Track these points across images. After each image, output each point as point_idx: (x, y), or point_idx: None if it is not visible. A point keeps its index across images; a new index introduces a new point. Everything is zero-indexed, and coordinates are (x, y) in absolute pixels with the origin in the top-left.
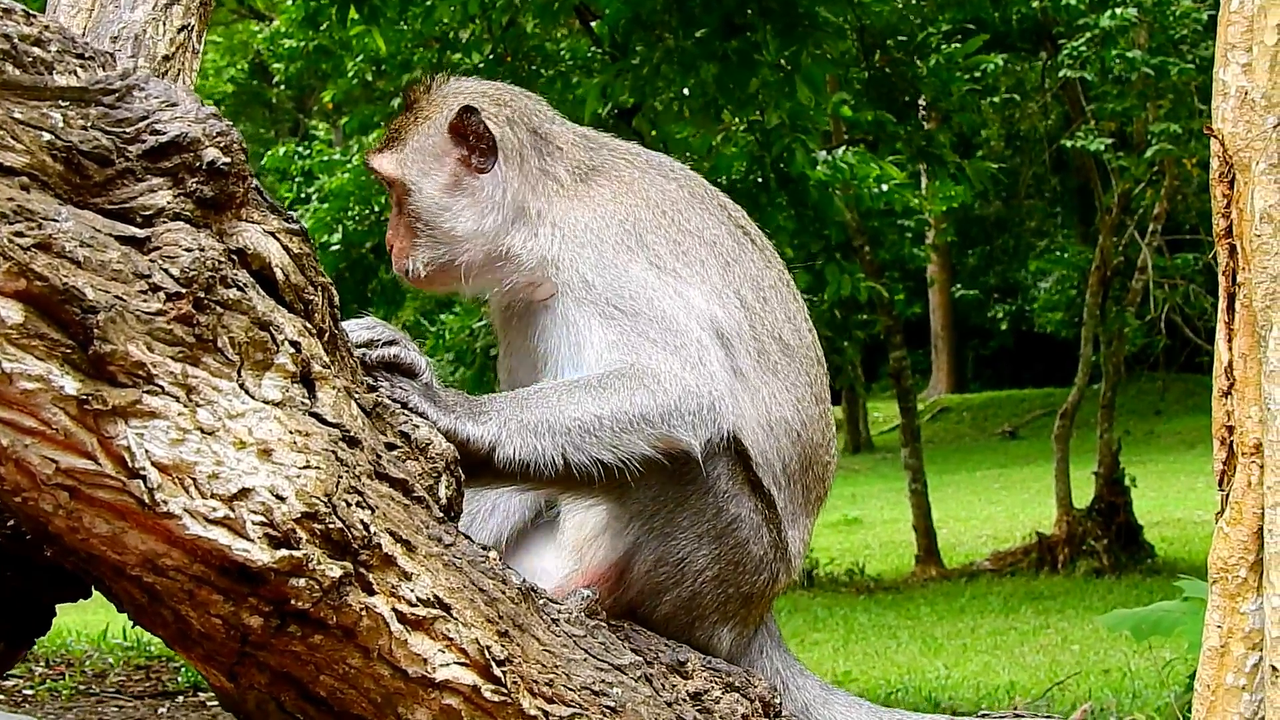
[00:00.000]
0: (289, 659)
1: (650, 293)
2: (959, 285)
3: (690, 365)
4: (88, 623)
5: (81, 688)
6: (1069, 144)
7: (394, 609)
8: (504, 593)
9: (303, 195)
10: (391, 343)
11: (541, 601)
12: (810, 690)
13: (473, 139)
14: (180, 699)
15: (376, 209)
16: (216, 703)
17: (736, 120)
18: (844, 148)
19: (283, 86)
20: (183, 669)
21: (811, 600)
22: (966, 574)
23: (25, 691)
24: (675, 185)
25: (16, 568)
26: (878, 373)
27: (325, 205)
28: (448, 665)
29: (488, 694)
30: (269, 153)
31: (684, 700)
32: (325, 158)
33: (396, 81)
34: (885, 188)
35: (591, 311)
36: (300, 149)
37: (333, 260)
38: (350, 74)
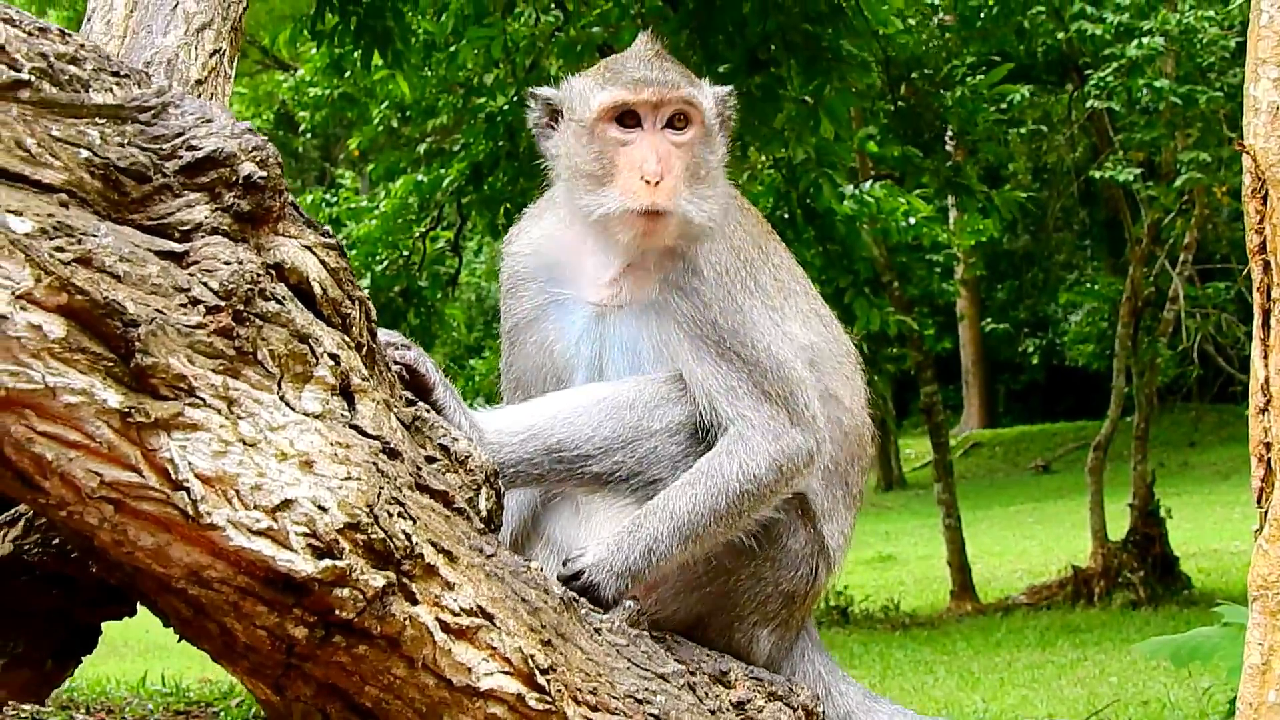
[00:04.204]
0: (334, 670)
1: (764, 336)
2: (989, 319)
3: (797, 414)
4: (126, 670)
5: None
6: (1097, 175)
7: (438, 618)
8: (546, 602)
9: None
10: (407, 347)
11: (584, 611)
12: (853, 697)
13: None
14: None
15: (405, 253)
16: None
17: (762, 157)
18: (870, 182)
19: (309, 135)
20: (221, 714)
21: (847, 637)
22: (1002, 608)
23: None
24: (754, 218)
25: (61, 586)
26: (909, 409)
27: (353, 251)
28: (492, 674)
29: (532, 702)
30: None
31: (727, 709)
32: (352, 205)
33: (421, 127)
34: (913, 221)
35: (706, 346)
36: (328, 197)
37: None
38: (375, 121)
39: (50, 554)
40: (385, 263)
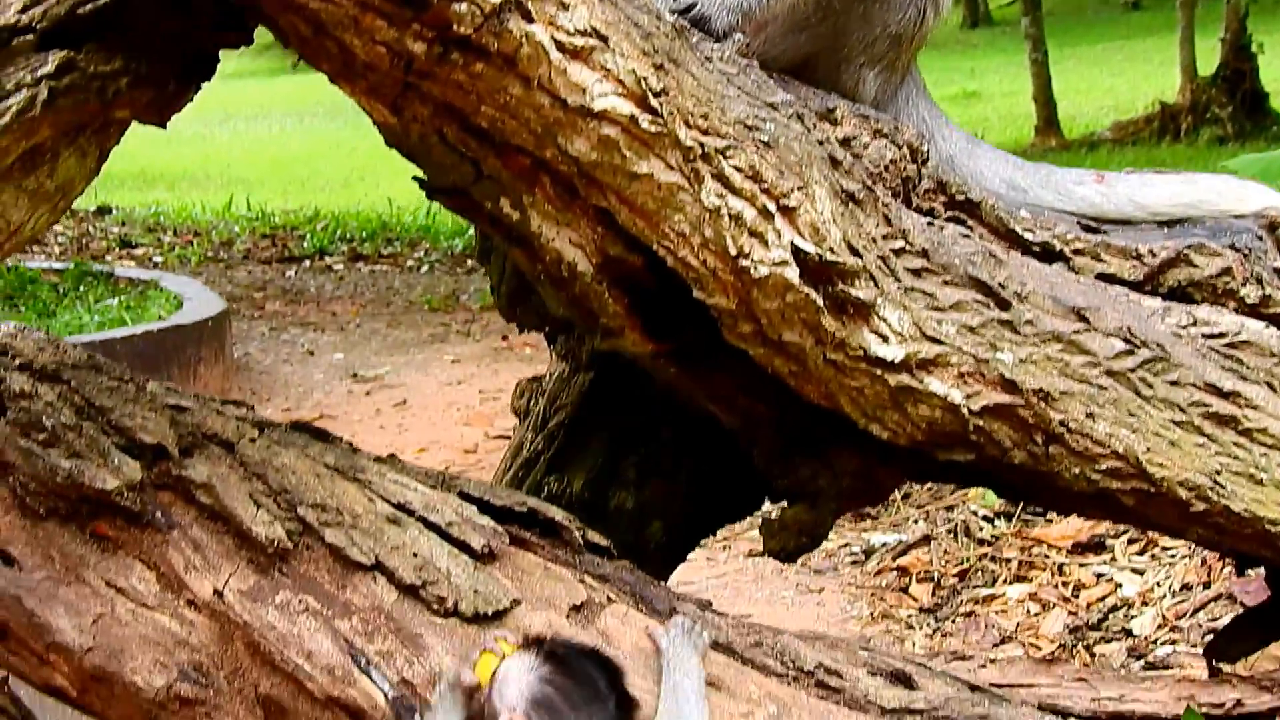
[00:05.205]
0: (451, 89)
1: None
2: None
3: None
4: (212, 198)
5: (209, 255)
6: None
7: (553, 37)
8: (658, 28)
9: None
10: None
11: (695, 39)
12: (956, 141)
13: None
14: (306, 263)
15: None
16: (340, 265)
17: None
18: None
19: None
20: (307, 236)
21: None
22: (1087, 144)
23: (155, 259)
24: None
25: (180, 9)
26: None
27: None
28: (605, 95)
29: (644, 124)
30: None
31: (834, 142)
32: None
33: None
34: None
35: None
36: None
37: None
38: None
39: None
40: None
